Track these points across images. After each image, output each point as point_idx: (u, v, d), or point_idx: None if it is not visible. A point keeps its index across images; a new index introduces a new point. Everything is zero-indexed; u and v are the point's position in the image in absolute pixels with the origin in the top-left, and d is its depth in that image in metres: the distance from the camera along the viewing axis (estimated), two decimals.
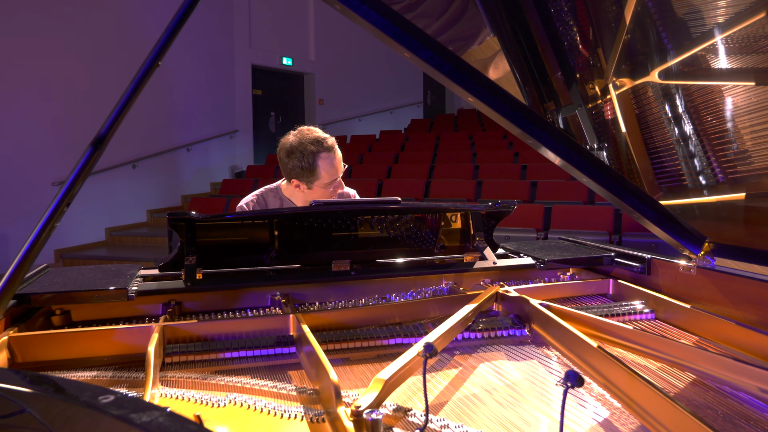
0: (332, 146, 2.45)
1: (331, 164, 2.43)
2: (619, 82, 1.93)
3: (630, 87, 1.90)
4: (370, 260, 2.13)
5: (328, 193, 2.48)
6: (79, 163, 1.30)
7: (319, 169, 2.42)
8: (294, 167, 2.45)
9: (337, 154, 2.47)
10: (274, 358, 1.56)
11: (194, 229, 1.90)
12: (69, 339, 1.54)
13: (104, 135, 1.31)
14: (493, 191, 7.40)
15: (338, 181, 2.48)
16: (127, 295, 1.71)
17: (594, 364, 1.35)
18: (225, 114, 11.86)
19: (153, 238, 9.25)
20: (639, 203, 1.62)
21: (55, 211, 1.31)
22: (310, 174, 2.44)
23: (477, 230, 2.15)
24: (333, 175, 2.45)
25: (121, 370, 1.48)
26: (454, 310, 1.86)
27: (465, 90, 1.43)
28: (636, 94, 1.91)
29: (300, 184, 2.49)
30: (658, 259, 1.97)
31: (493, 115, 1.51)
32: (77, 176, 1.31)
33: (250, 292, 1.96)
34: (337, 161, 2.46)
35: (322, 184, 2.45)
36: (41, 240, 1.32)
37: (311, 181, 2.46)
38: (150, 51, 1.37)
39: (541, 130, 1.52)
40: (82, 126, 8.26)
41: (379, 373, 1.20)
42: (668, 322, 1.77)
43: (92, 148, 1.30)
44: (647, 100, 1.90)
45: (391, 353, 1.59)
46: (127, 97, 1.31)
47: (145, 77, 1.33)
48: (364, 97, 14.83)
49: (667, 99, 1.81)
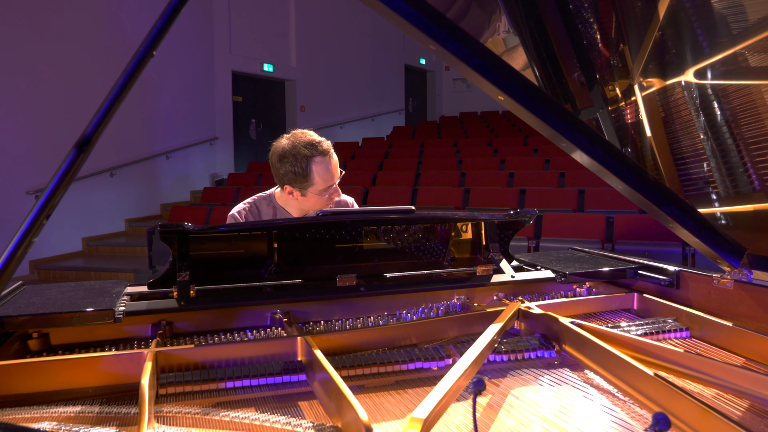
0: (327, 150, 2.29)
1: (326, 169, 2.28)
2: (646, 83, 1.80)
3: (659, 88, 1.77)
4: (376, 274, 1.98)
5: (323, 200, 2.32)
6: (61, 167, 1.13)
7: (313, 174, 2.26)
8: (287, 173, 2.28)
9: (333, 159, 2.32)
10: (282, 386, 1.40)
11: (187, 243, 1.73)
12: (49, 368, 1.36)
13: (90, 135, 1.14)
14: (482, 199, 7.28)
15: (334, 187, 2.33)
16: (114, 316, 1.54)
17: (652, 395, 1.20)
18: (205, 121, 11.62)
19: (132, 248, 8.98)
20: (678, 212, 1.50)
21: (33, 224, 1.14)
22: (303, 180, 2.27)
23: (492, 241, 2.01)
24: (328, 180, 2.29)
25: (110, 404, 1.30)
26: (474, 329, 1.72)
27: (495, 86, 1.29)
28: (663, 96, 1.79)
29: (293, 190, 2.32)
30: (687, 272, 1.84)
31: (525, 115, 1.38)
32: (59, 182, 1.14)
33: (247, 311, 1.79)
34: (333, 166, 2.31)
35: (316, 190, 2.29)
36: (17, 256, 1.15)
37: (305, 187, 2.29)
38: (140, 44, 1.21)
39: (578, 133, 1.38)
40: (57, 133, 8.00)
41: (415, 411, 1.04)
42: (706, 340, 1.64)
43: (76, 151, 1.13)
44: (675, 102, 1.77)
45: (411, 379, 1.44)
46: (117, 92, 1.15)
47: (136, 71, 1.17)
48: (345, 104, 14.68)
49: (700, 100, 1.69)
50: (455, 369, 1.24)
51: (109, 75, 8.96)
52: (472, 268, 2.03)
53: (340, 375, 1.35)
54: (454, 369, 1.24)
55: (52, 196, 1.13)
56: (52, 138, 8.19)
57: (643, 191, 1.47)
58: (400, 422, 1.21)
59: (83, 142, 1.12)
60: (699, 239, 1.54)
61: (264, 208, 2.42)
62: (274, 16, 12.87)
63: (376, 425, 1.19)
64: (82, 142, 1.12)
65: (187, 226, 1.65)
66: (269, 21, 12.77)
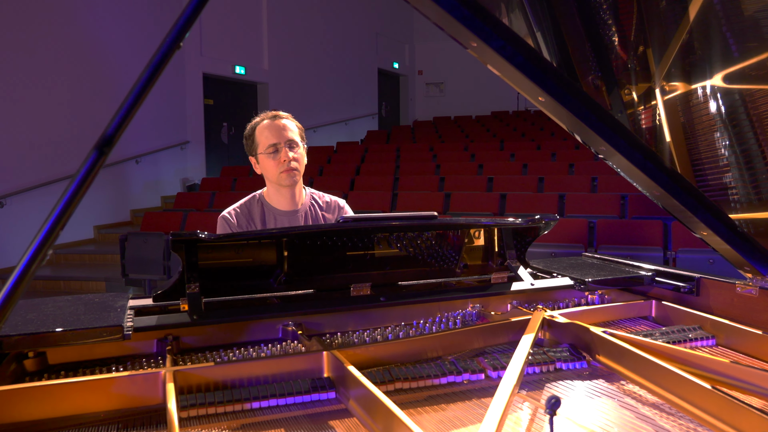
0: (274, 115, 2.33)
1: (267, 128, 2.29)
2: (668, 87, 1.77)
3: (682, 92, 1.74)
4: (390, 282, 1.90)
5: (274, 162, 2.27)
6: (80, 171, 1.03)
7: (256, 134, 2.32)
8: (245, 145, 2.39)
9: (280, 122, 2.30)
10: (311, 405, 1.32)
11: (197, 252, 1.63)
12: (57, 392, 1.26)
13: (111, 135, 1.04)
14: (462, 204, 7.26)
15: (283, 150, 2.26)
16: (123, 333, 1.43)
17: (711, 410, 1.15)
18: (175, 124, 11.37)
19: (102, 255, 8.72)
20: (713, 219, 1.46)
21: (51, 232, 1.04)
22: (251, 144, 2.34)
23: (509, 248, 1.95)
24: (270, 138, 2.27)
25: (128, 430, 1.20)
26: (499, 339, 1.67)
27: (538, 86, 1.23)
28: (685, 100, 1.76)
29: (255, 163, 2.38)
30: (708, 279, 1.81)
31: (565, 117, 1.32)
32: (79, 187, 1.04)
33: (258, 323, 1.70)
34: (277, 125, 2.29)
35: (263, 150, 2.28)
36: (32, 270, 1.05)
37: (255, 152, 2.34)
38: (166, 35, 1.12)
39: (619, 137, 1.33)
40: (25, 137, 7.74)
41: None
42: (733, 348, 1.60)
43: (97, 152, 1.04)
44: (698, 107, 1.74)
45: (444, 393, 1.37)
46: (141, 87, 1.05)
47: (162, 64, 1.07)
48: (318, 108, 14.56)
49: (725, 105, 1.66)
50: (504, 386, 1.17)
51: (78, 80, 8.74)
52: (487, 275, 1.97)
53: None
54: (504, 386, 1.17)
55: (71, 202, 1.03)
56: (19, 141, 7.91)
57: (679, 197, 1.43)
58: None
59: (104, 142, 1.03)
60: (730, 246, 1.51)
61: (254, 207, 2.37)
62: (246, 17, 12.69)
63: None
64: (103, 143, 1.03)
65: (201, 234, 1.55)
66: (240, 22, 12.58)
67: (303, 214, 2.36)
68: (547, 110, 1.34)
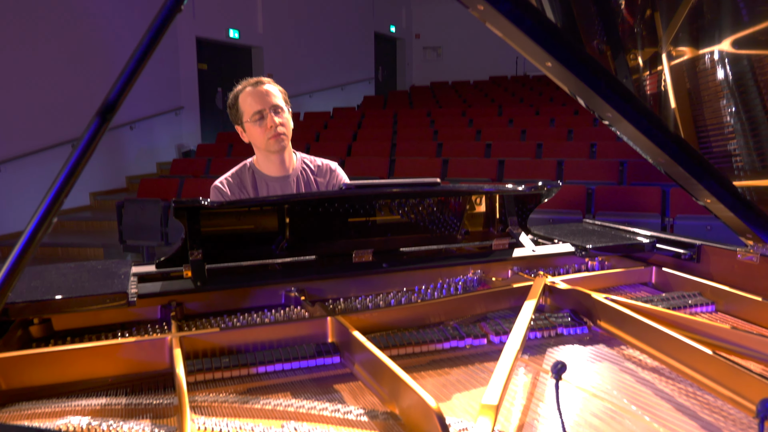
0: (256, 81, 2.29)
1: (249, 95, 2.26)
2: (675, 52, 1.75)
3: (689, 57, 1.72)
4: (392, 249, 1.91)
5: (261, 130, 2.24)
6: (83, 138, 1.02)
7: (239, 104, 2.29)
8: (229, 114, 2.36)
9: (262, 88, 2.27)
10: (316, 369, 1.33)
11: (199, 219, 1.63)
12: (65, 358, 1.27)
13: (114, 101, 1.03)
14: (460, 170, 7.24)
15: (269, 115, 2.23)
16: (128, 299, 1.44)
17: (712, 374, 1.17)
18: (169, 90, 11.24)
19: (98, 222, 8.71)
20: (717, 187, 1.46)
21: (55, 201, 1.04)
22: (236, 113, 2.31)
23: (511, 215, 1.95)
24: (253, 105, 2.24)
25: (136, 395, 1.22)
26: (500, 305, 1.68)
27: (546, 52, 1.21)
28: (692, 66, 1.74)
29: (240, 131, 2.35)
30: (709, 246, 1.82)
31: (573, 83, 1.31)
32: (82, 154, 1.04)
33: (261, 289, 1.71)
34: (260, 92, 2.26)
35: (248, 118, 2.26)
36: (35, 242, 1.04)
37: (240, 120, 2.31)
38: None
39: (626, 104, 1.32)
40: None
41: (484, 398, 0.99)
42: (733, 314, 1.62)
43: (99, 119, 1.02)
44: (705, 73, 1.73)
45: (445, 358, 1.39)
46: (143, 51, 1.03)
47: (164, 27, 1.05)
48: (314, 72, 14.40)
49: (732, 71, 1.64)
50: (509, 351, 1.19)
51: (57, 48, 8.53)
52: (488, 242, 1.98)
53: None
54: (508, 351, 1.19)
55: (75, 169, 1.02)
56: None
57: (685, 165, 1.43)
58: (450, 404, 1.15)
59: (106, 108, 1.01)
60: (734, 213, 1.51)
61: (245, 175, 2.35)
62: None
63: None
64: (106, 109, 1.01)
65: (203, 202, 1.55)
66: None
67: (294, 179, 2.34)
68: (553, 75, 1.33)
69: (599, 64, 1.30)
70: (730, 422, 1.05)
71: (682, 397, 1.15)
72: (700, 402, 1.13)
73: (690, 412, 1.09)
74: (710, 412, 1.09)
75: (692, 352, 1.22)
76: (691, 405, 1.12)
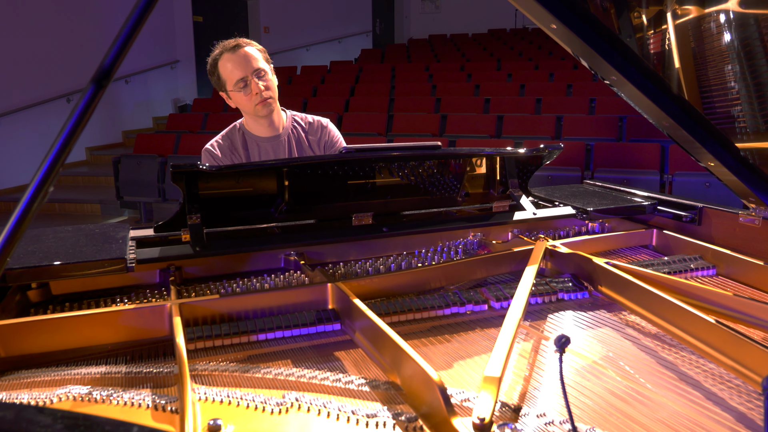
0: (234, 45, 2.19)
1: (229, 62, 2.17)
2: (681, 11, 1.69)
3: (695, 16, 1.67)
4: (392, 212, 1.89)
5: (246, 97, 2.19)
6: (78, 106, 0.99)
7: (220, 71, 2.21)
8: (213, 82, 2.28)
9: (241, 52, 2.18)
10: (316, 336, 1.33)
11: (197, 183, 1.61)
12: (64, 325, 1.26)
13: (109, 67, 0.99)
14: (459, 126, 7.17)
15: (252, 81, 2.17)
16: (126, 265, 1.43)
17: (714, 343, 1.17)
18: (164, 42, 11.03)
19: (95, 177, 8.67)
20: (721, 149, 1.44)
21: (50, 171, 1.01)
22: (219, 80, 2.24)
23: (512, 177, 1.93)
24: (235, 73, 2.17)
25: (136, 363, 1.22)
26: (501, 269, 1.68)
27: (550, 13, 1.17)
28: (697, 25, 1.69)
29: (225, 97, 2.28)
30: (711, 208, 1.81)
31: (578, 46, 1.27)
32: (77, 123, 1.00)
33: (260, 253, 1.70)
34: (239, 57, 2.17)
35: (231, 86, 2.20)
36: (31, 212, 1.02)
37: (223, 87, 2.24)
38: None
39: (631, 66, 1.29)
40: None
41: (487, 370, 0.98)
42: (733, 278, 1.62)
43: (95, 86, 0.99)
44: (710, 32, 1.68)
45: (446, 324, 1.39)
46: (139, 12, 0.99)
47: None
48: (311, 25, 14.10)
49: (739, 32, 1.60)
50: (510, 320, 1.18)
51: None
52: (489, 204, 1.96)
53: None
54: (509, 321, 1.18)
55: (69, 139, 0.99)
56: None
57: (689, 128, 1.40)
58: (452, 374, 1.16)
59: (102, 75, 0.98)
60: (737, 177, 1.49)
61: (235, 137, 2.31)
62: None
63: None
64: (101, 76, 0.98)
65: (202, 166, 1.52)
66: None
67: (286, 138, 2.31)
68: (558, 37, 1.29)
69: (604, 26, 1.26)
70: (735, 392, 1.05)
71: (685, 365, 1.15)
72: (703, 371, 1.13)
73: (693, 381, 1.09)
74: (713, 381, 1.09)
75: (694, 320, 1.21)
76: (694, 374, 1.12)
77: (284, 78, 9.69)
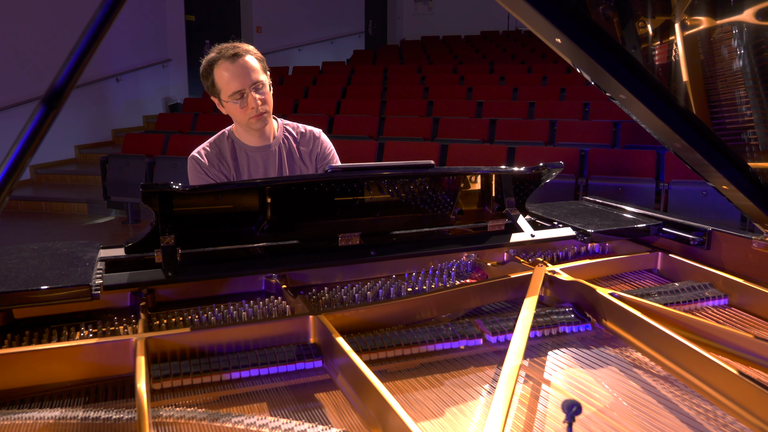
0: (233, 54, 2.04)
1: (227, 71, 2.04)
2: (690, 22, 1.59)
3: (705, 27, 1.57)
4: (381, 231, 1.78)
5: (240, 109, 2.07)
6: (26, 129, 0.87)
7: (215, 78, 2.08)
8: (204, 84, 2.15)
9: (240, 62, 2.04)
10: (295, 375, 1.22)
11: (171, 203, 1.49)
12: (19, 361, 1.15)
13: (61, 87, 0.87)
14: (451, 130, 7.07)
15: (249, 96, 2.05)
16: (91, 293, 1.31)
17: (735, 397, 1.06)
18: (156, 41, 10.88)
19: (84, 176, 8.50)
20: (738, 174, 1.34)
21: None
22: (213, 87, 2.11)
23: (509, 195, 1.82)
24: (232, 84, 2.04)
25: (94, 405, 1.10)
26: (497, 297, 1.57)
27: (555, 27, 1.06)
28: (707, 37, 1.59)
29: (217, 102, 2.16)
30: (721, 232, 1.70)
31: (585, 62, 1.16)
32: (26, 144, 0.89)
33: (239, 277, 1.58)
34: (238, 68, 2.04)
35: (227, 96, 2.07)
36: None
37: (217, 95, 2.12)
38: None
39: (642, 84, 1.18)
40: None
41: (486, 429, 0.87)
42: (748, 310, 1.50)
43: (45, 107, 0.87)
44: (721, 44, 1.58)
45: (437, 361, 1.28)
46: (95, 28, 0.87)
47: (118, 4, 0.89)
48: (304, 25, 13.97)
49: (753, 44, 1.50)
50: (508, 369, 1.07)
51: None
52: (483, 223, 1.85)
53: (362, 359, 1.16)
54: (507, 369, 1.07)
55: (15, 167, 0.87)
56: None
57: (704, 151, 1.29)
58: (443, 423, 1.04)
59: (53, 95, 0.86)
60: (752, 201, 1.39)
61: (224, 145, 2.19)
62: None
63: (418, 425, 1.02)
64: (52, 96, 0.86)
65: (174, 186, 1.40)
66: None
67: (276, 148, 2.19)
68: (563, 53, 1.18)
69: (612, 40, 1.16)
70: None
71: (701, 418, 1.05)
72: (720, 425, 1.02)
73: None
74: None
75: (713, 368, 1.10)
76: (712, 429, 1.01)
77: (276, 78, 9.57)
